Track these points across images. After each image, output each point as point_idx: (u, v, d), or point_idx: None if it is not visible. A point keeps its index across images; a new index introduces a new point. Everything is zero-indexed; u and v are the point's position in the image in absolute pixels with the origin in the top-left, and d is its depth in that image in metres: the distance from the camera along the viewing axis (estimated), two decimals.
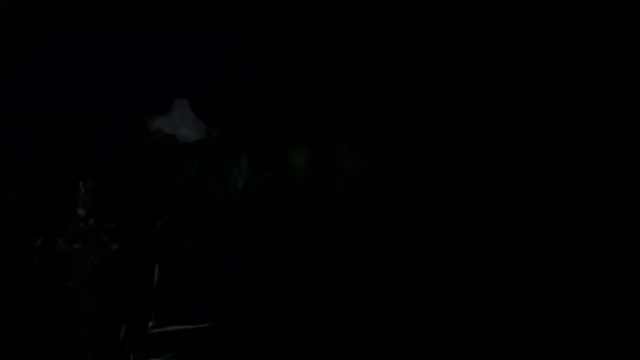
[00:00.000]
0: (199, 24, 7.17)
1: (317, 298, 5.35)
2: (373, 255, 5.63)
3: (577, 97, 6.88)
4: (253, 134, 6.24)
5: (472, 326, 5.35)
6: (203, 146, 6.22)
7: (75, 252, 4.79)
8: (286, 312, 5.25)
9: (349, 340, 5.16)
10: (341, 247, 5.66)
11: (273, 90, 6.63)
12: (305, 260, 5.50)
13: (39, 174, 5.10)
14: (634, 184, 6.30)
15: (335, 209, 5.85)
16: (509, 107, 6.88)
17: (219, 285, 5.26)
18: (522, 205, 6.23)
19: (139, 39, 6.97)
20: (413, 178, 6.13)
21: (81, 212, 4.83)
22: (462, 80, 7.06)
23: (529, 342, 5.31)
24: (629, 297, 5.63)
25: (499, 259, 5.76)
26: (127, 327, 4.66)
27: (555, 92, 6.97)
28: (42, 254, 4.79)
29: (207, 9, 7.32)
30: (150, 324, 4.73)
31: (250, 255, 5.47)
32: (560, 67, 7.09)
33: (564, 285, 5.71)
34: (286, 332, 5.11)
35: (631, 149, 6.56)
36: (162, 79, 6.68)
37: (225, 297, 5.20)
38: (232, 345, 5.03)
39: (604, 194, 6.28)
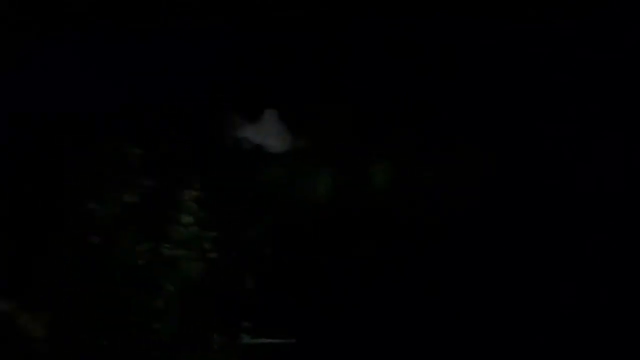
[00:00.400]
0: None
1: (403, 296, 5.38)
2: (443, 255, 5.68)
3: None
4: (336, 146, 6.32)
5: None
6: (289, 156, 6.32)
7: (178, 258, 4.96)
8: (378, 311, 5.27)
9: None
10: (418, 250, 5.68)
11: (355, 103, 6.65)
12: (389, 262, 5.52)
13: (144, 181, 5.15)
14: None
15: (410, 216, 5.86)
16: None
17: (311, 292, 5.31)
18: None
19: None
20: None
21: (187, 219, 4.97)
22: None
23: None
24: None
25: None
26: (220, 334, 4.78)
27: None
28: (147, 257, 4.93)
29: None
30: (242, 333, 4.85)
31: (338, 260, 5.51)
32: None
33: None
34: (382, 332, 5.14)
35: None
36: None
37: (317, 302, 5.25)
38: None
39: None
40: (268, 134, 6.43)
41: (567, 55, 7.10)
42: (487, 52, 7.14)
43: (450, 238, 5.93)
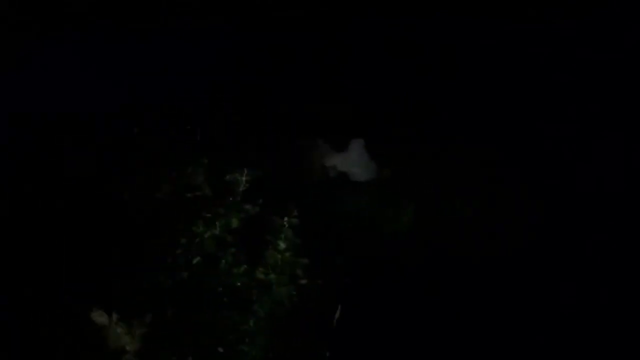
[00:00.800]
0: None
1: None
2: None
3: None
4: (420, 176, 6.41)
5: None
6: (374, 186, 6.47)
7: (271, 282, 5.09)
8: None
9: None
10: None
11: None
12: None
13: (246, 206, 5.32)
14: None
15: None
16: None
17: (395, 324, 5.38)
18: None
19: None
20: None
21: (282, 245, 5.11)
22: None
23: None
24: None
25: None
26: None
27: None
28: (243, 280, 5.08)
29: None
30: None
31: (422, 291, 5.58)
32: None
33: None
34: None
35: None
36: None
37: (399, 337, 5.31)
38: None
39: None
40: (354, 163, 6.59)
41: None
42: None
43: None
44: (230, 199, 5.30)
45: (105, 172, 5.89)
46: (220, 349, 4.92)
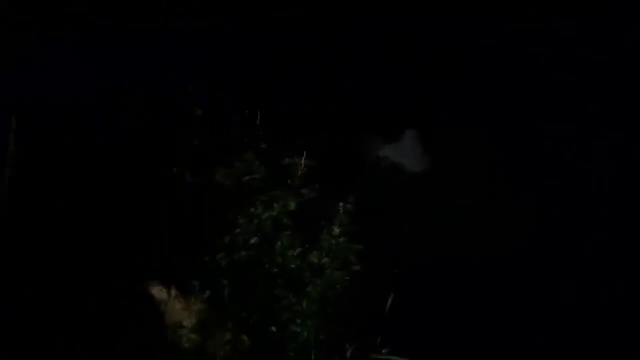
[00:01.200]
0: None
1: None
2: None
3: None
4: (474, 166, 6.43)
5: None
6: (426, 176, 6.49)
7: (324, 266, 5.23)
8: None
9: None
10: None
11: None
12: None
13: (304, 190, 5.41)
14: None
15: None
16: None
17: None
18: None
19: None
20: None
21: (336, 230, 5.23)
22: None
23: None
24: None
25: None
26: (352, 345, 4.98)
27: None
28: (297, 262, 5.25)
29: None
30: (374, 348, 5.01)
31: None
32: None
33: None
34: None
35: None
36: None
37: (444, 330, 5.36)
38: None
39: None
40: (407, 153, 6.57)
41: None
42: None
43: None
44: (289, 182, 5.42)
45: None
46: (273, 329, 5.08)
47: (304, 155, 5.38)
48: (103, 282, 5.20)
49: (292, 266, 5.21)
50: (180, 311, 5.05)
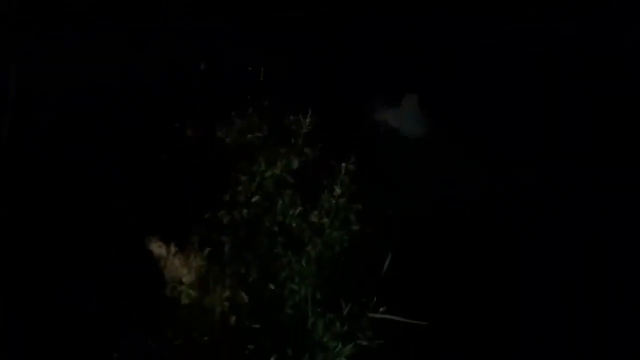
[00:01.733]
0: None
1: None
2: None
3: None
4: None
5: None
6: (427, 142, 6.44)
7: (323, 225, 5.21)
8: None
9: None
10: None
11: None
12: None
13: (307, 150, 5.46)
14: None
15: None
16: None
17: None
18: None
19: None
20: None
21: (337, 190, 5.19)
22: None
23: None
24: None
25: None
26: (351, 303, 4.92)
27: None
28: (298, 221, 5.22)
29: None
30: (372, 306, 4.94)
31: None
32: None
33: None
34: None
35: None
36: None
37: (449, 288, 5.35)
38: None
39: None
40: (406, 118, 6.51)
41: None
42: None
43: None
44: (292, 140, 5.41)
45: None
46: (272, 286, 5.04)
47: (310, 111, 5.36)
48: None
49: (293, 225, 5.19)
50: (179, 267, 5.01)
